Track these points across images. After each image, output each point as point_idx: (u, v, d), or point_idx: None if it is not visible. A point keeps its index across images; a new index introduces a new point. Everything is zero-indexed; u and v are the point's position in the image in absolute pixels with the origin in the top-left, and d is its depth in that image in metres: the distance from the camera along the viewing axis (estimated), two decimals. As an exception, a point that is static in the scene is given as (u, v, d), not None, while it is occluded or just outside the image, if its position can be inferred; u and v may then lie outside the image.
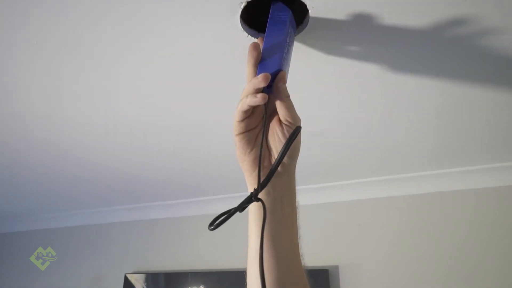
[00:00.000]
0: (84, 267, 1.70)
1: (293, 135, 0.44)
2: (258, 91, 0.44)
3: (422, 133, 0.90)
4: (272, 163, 0.47)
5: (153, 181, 1.32)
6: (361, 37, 0.56)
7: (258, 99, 0.43)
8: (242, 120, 0.46)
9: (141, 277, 1.54)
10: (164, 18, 0.52)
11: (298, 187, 1.08)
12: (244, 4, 0.50)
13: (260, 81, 0.43)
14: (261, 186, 0.43)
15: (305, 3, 0.49)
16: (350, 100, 0.75)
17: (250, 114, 0.46)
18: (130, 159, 1.11)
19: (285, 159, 0.46)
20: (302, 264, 0.49)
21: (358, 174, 1.23)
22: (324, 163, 1.13)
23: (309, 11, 0.51)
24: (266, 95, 0.43)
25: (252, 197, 0.43)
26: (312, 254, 1.26)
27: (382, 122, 0.85)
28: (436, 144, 0.97)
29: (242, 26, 0.53)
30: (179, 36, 0.56)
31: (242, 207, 0.42)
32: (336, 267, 1.27)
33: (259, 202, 0.44)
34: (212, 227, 0.40)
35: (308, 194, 1.33)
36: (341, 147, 1.00)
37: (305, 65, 0.63)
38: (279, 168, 0.46)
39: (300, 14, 0.52)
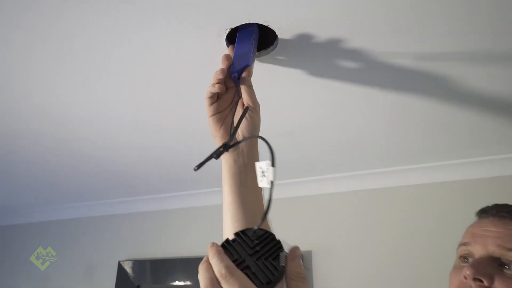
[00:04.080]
0: (79, 256, 1.81)
1: (245, 111, 0.61)
2: (219, 81, 0.61)
3: (383, 133, 1.07)
4: (238, 138, 0.64)
5: (145, 175, 1.46)
6: (321, 54, 0.72)
7: (215, 88, 0.61)
8: (211, 105, 0.63)
9: (134, 263, 1.68)
10: (161, 32, 0.67)
11: (283, 181, 1.27)
12: (228, 30, 0.66)
13: (218, 73, 0.61)
14: (230, 134, 0.60)
15: (274, 30, 0.66)
16: (318, 106, 0.91)
17: (217, 99, 0.63)
18: (124, 154, 1.24)
19: (246, 134, 0.63)
20: (268, 221, 0.65)
21: (328, 170, 1.39)
22: (298, 160, 1.29)
23: (278, 36, 0.67)
24: (222, 85, 0.61)
25: (224, 146, 0.58)
26: (288, 240, 1.42)
27: (344, 124, 1.01)
28: (396, 142, 1.14)
29: (226, 45, 0.69)
30: (173, 47, 0.71)
31: (216, 153, 0.58)
32: (309, 252, 1.42)
33: (226, 157, 0.62)
34: (196, 168, 0.55)
35: (285, 188, 1.49)
36: (313, 146, 1.16)
37: (277, 78, 0.79)
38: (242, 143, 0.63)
39: (272, 37, 0.68)
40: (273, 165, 0.46)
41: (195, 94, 0.86)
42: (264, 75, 0.78)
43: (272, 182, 0.46)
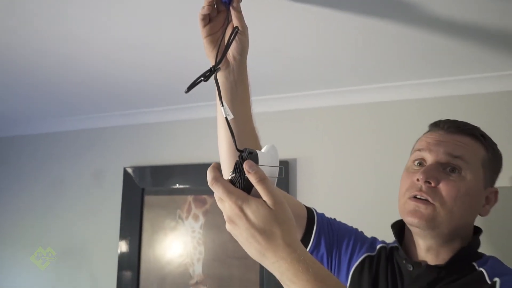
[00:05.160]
0: (88, 164, 1.97)
1: (234, 33, 0.70)
2: (209, 3, 0.70)
3: (360, 52, 1.17)
4: (229, 58, 0.74)
5: (145, 90, 1.58)
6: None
7: (205, 9, 0.70)
8: (204, 27, 0.72)
9: (138, 169, 1.86)
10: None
11: (270, 96, 1.41)
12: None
13: None
14: (217, 61, 0.69)
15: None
16: (301, 27, 1.00)
17: (209, 22, 0.72)
18: (124, 71, 1.33)
19: (236, 54, 0.73)
20: (255, 129, 0.79)
21: (314, 85, 1.50)
22: (284, 75, 1.39)
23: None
24: (211, 7, 0.70)
25: (210, 70, 0.68)
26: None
27: (328, 42, 1.10)
28: (371, 62, 1.24)
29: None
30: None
31: (205, 76, 0.68)
32: (294, 160, 1.61)
33: (219, 75, 0.71)
34: (187, 91, 0.65)
35: (273, 102, 1.62)
36: (298, 62, 1.26)
37: (265, 2, 0.87)
38: (232, 61, 0.73)
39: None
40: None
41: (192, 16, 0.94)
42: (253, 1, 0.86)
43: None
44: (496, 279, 0.69)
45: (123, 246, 1.82)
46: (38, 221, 2.04)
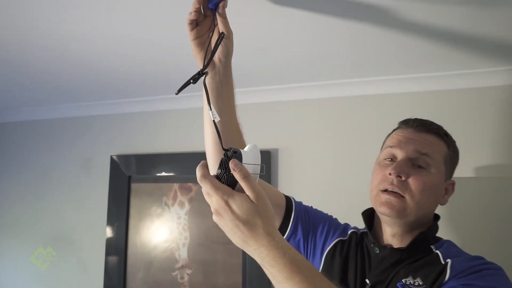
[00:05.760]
0: (76, 152, 2.00)
1: (220, 38, 0.77)
2: (195, 9, 0.75)
3: (336, 49, 1.24)
4: (215, 60, 0.79)
5: (132, 80, 1.62)
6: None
7: (192, 15, 0.76)
8: (191, 30, 0.78)
9: (125, 157, 1.91)
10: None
11: (254, 88, 1.48)
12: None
13: (195, 3, 0.75)
14: (204, 64, 0.76)
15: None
16: (283, 27, 1.07)
17: (196, 26, 0.78)
18: (114, 63, 1.39)
19: (221, 57, 0.78)
20: (239, 125, 0.86)
21: (296, 79, 1.58)
22: (269, 71, 1.46)
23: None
24: (196, 13, 0.75)
25: (199, 73, 0.74)
26: (258, 139, 1.67)
27: (307, 40, 1.17)
28: (350, 57, 1.32)
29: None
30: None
31: (194, 79, 0.74)
32: (276, 150, 1.68)
33: (204, 82, 0.76)
34: (177, 92, 0.72)
35: (257, 94, 1.69)
36: (282, 58, 1.33)
37: (250, 6, 0.93)
38: (218, 63, 0.79)
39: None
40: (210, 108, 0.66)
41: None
42: (238, 3, 0.92)
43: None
44: (448, 260, 0.79)
45: (110, 232, 1.88)
46: (26, 208, 2.08)
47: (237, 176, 0.61)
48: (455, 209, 1.33)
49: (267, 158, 1.66)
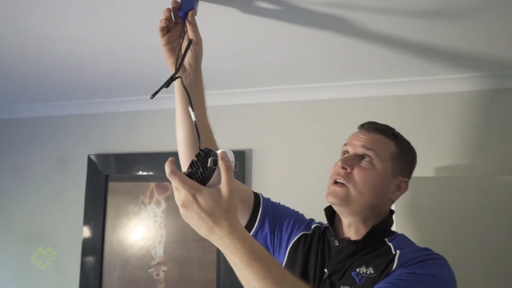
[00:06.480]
0: (52, 151, 2.01)
1: (189, 44, 0.82)
2: (166, 17, 0.81)
3: (308, 56, 1.31)
4: (186, 65, 0.85)
5: (110, 80, 1.65)
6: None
7: (162, 22, 0.82)
8: (163, 36, 0.84)
9: (102, 156, 1.93)
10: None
11: (230, 91, 1.54)
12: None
13: (165, 11, 0.81)
14: (176, 69, 0.81)
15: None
16: (251, 34, 1.13)
17: (167, 32, 0.83)
18: (94, 64, 1.42)
19: (191, 62, 0.84)
20: (209, 125, 0.92)
21: (270, 83, 1.64)
22: (244, 74, 1.52)
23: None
24: (167, 20, 0.81)
25: (171, 78, 0.80)
26: (233, 140, 1.73)
27: (277, 46, 1.24)
28: (320, 63, 1.39)
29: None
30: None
31: (167, 83, 0.79)
32: (250, 150, 1.74)
33: (176, 82, 0.82)
34: (152, 97, 0.78)
35: (232, 96, 1.75)
36: (253, 62, 1.39)
37: (219, 15, 0.99)
38: (188, 67, 0.85)
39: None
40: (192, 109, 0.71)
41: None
42: (208, 12, 0.98)
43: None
44: (398, 251, 0.86)
45: (87, 231, 1.90)
46: (2, 207, 2.08)
47: (222, 167, 0.67)
48: (417, 206, 1.41)
49: (242, 158, 1.71)
